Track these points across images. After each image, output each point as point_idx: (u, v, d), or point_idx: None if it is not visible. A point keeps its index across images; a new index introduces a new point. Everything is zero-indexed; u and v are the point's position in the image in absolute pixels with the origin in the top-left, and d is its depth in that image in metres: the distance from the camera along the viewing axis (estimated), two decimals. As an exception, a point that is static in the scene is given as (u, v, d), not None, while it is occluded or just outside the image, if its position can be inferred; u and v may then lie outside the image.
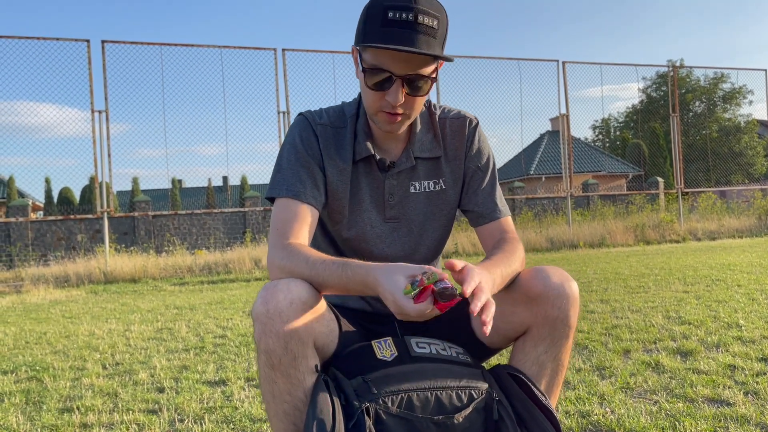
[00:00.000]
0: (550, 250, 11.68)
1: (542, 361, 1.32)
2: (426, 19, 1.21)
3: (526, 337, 1.33)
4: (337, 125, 1.43)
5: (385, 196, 1.45)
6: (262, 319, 1.15)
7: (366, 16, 1.26)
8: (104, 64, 9.96)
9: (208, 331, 4.24)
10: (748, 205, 16.22)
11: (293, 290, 1.16)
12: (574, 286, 1.29)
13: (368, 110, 1.35)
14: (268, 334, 1.14)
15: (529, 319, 1.30)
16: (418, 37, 1.21)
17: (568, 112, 13.13)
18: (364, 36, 1.25)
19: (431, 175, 1.47)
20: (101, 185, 10.03)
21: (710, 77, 34.46)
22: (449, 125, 1.49)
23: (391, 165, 1.43)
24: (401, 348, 1.27)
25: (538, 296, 1.28)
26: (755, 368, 2.48)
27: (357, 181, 1.44)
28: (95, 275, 9.72)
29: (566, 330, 1.30)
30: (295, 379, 1.17)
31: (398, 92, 1.26)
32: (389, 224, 1.46)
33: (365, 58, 1.27)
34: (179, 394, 2.64)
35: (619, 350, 2.94)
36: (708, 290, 4.76)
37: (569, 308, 1.28)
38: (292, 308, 1.14)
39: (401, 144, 1.45)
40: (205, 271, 10.29)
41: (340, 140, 1.42)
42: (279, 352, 1.14)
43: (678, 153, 14.08)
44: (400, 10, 1.20)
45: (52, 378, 3.06)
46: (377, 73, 1.26)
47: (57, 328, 4.80)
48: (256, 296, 1.21)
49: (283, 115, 10.83)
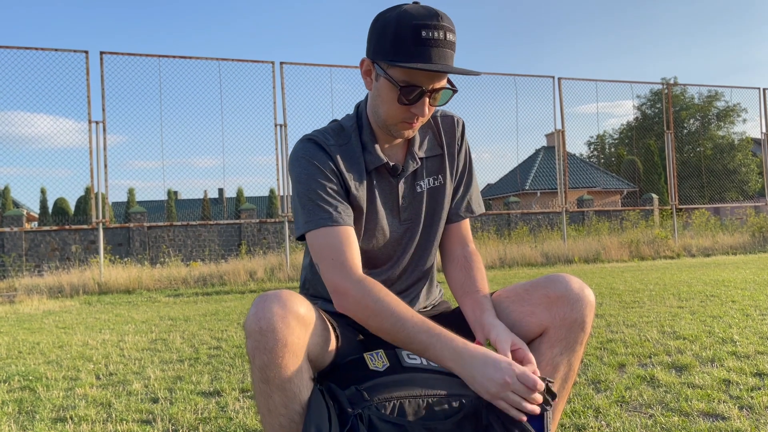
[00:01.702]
0: (545, 264, 11.69)
1: (557, 363, 1.35)
2: (451, 35, 1.29)
3: (542, 339, 1.36)
4: (342, 143, 1.45)
5: (399, 200, 1.49)
6: (255, 335, 1.14)
7: (394, 33, 1.28)
8: (102, 75, 9.98)
9: (202, 342, 4.23)
10: (741, 222, 16.30)
11: (286, 304, 1.16)
12: (592, 294, 1.35)
13: (387, 120, 1.39)
14: (262, 349, 1.13)
15: (547, 320, 1.34)
16: (447, 53, 1.29)
17: (564, 127, 13.21)
18: (394, 53, 1.29)
19: (431, 172, 1.53)
20: (97, 196, 10.02)
21: (704, 95, 34.76)
22: (441, 123, 1.56)
23: (400, 170, 1.48)
24: (393, 359, 1.29)
25: (559, 298, 1.32)
26: (750, 383, 2.49)
27: (371, 191, 1.47)
28: (89, 286, 9.67)
29: (581, 335, 1.34)
30: (290, 392, 1.17)
31: (425, 105, 1.34)
32: (404, 225, 1.51)
33: (395, 75, 1.31)
34: (173, 404, 2.62)
35: (615, 364, 2.95)
36: (702, 306, 4.77)
37: (587, 313, 1.33)
38: (285, 322, 1.14)
39: (403, 147, 1.50)
40: (200, 283, 10.26)
41: (351, 156, 1.45)
42: (273, 366, 1.14)
43: (672, 170, 14.16)
44: (431, 29, 1.27)
45: (45, 388, 3.04)
46: (409, 89, 1.31)
47: (50, 338, 4.77)
48: (248, 311, 1.20)
49: (281, 128, 10.86)
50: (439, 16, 1.28)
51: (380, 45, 1.32)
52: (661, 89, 20.53)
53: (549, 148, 28.87)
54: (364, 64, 1.39)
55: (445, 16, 1.30)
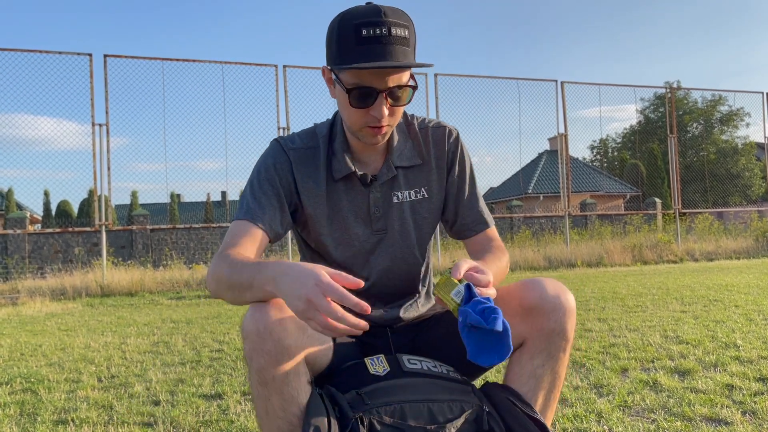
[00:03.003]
0: (547, 268, 11.67)
1: (539, 375, 1.31)
2: (398, 30, 1.23)
3: (522, 351, 1.33)
4: (309, 146, 1.43)
5: (371, 209, 1.44)
6: (252, 337, 1.13)
7: (337, 36, 1.25)
8: (106, 78, 10.02)
9: (204, 345, 4.23)
10: (745, 227, 16.26)
11: (283, 307, 1.15)
12: (571, 297, 1.29)
13: (352, 127, 1.34)
14: (259, 352, 1.13)
15: (525, 331, 1.30)
16: (395, 49, 1.22)
17: (567, 131, 13.20)
18: (339, 57, 1.25)
19: (413, 184, 1.47)
20: (100, 198, 10.04)
21: (708, 99, 34.73)
22: (431, 134, 1.49)
23: (373, 179, 1.43)
24: (393, 364, 1.28)
25: (534, 308, 1.27)
26: (753, 388, 2.48)
27: (336, 200, 1.43)
28: (92, 288, 9.69)
29: (563, 343, 1.29)
30: (288, 395, 1.16)
31: (382, 106, 1.27)
32: (377, 235, 1.46)
33: (344, 78, 1.27)
34: (175, 407, 2.62)
35: (617, 369, 2.94)
36: (705, 310, 4.76)
37: (566, 321, 1.27)
38: (282, 325, 1.13)
39: (381, 156, 1.45)
40: (202, 286, 10.26)
41: (314, 162, 1.42)
42: (271, 369, 1.13)
43: (676, 174, 14.14)
44: (372, 26, 1.21)
45: (47, 390, 3.04)
46: (361, 91, 1.26)
47: (52, 340, 4.78)
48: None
49: (283, 131, 10.87)
50: (381, 12, 1.22)
51: (329, 50, 1.29)
52: (664, 93, 20.46)
53: (552, 152, 28.88)
54: (325, 73, 1.36)
55: (393, 10, 1.24)
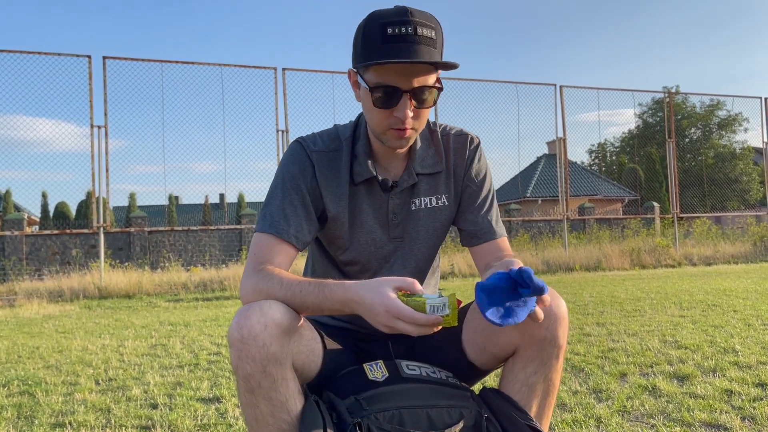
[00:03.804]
0: (546, 272, 11.67)
1: (532, 383, 1.30)
2: (425, 30, 1.22)
3: (515, 359, 1.32)
4: (332, 149, 1.42)
5: (389, 215, 1.43)
6: (237, 344, 1.13)
7: (363, 36, 1.26)
8: (105, 80, 10.02)
9: (202, 348, 4.22)
10: (743, 231, 16.27)
11: (267, 312, 1.14)
12: (562, 304, 1.27)
13: (376, 129, 1.33)
14: (245, 359, 1.13)
15: (516, 339, 1.28)
16: (420, 48, 1.22)
17: (566, 135, 13.21)
18: (364, 55, 1.25)
19: (432, 191, 1.46)
20: (98, 200, 10.02)
21: (706, 104, 34.80)
22: (453, 141, 1.48)
23: (394, 184, 1.42)
24: (392, 370, 1.28)
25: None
26: (752, 393, 2.47)
27: (357, 203, 1.42)
28: (89, 290, 9.67)
29: (555, 350, 1.28)
30: (276, 401, 1.16)
31: (406, 107, 1.26)
32: (394, 243, 1.45)
33: (368, 78, 1.26)
34: (173, 410, 2.61)
35: (616, 373, 2.93)
36: (704, 315, 4.76)
37: (557, 328, 1.26)
38: (267, 331, 1.13)
39: (402, 162, 1.44)
40: (200, 288, 10.25)
41: (336, 164, 1.41)
42: (257, 376, 1.13)
43: (674, 178, 14.15)
44: (398, 24, 1.21)
45: (45, 393, 3.03)
46: (384, 90, 1.25)
47: (50, 342, 4.76)
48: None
49: (282, 134, 10.88)
50: (408, 12, 1.22)
51: (355, 51, 1.29)
52: (663, 98, 20.58)
53: (550, 156, 28.89)
54: (351, 76, 1.36)
55: (420, 12, 1.24)
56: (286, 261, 1.32)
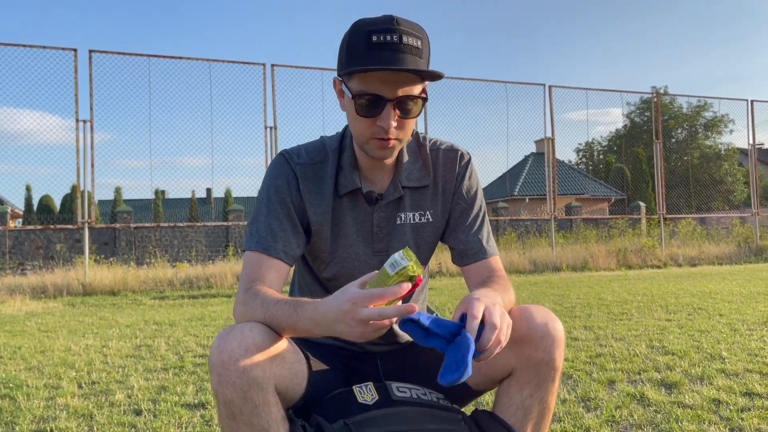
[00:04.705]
0: (533, 272, 11.70)
1: (527, 406, 1.28)
2: (410, 39, 1.21)
3: (510, 381, 1.30)
4: (317, 160, 1.39)
5: (374, 229, 1.41)
6: (217, 368, 1.10)
7: (348, 43, 1.24)
8: (91, 74, 9.88)
9: (188, 349, 4.17)
10: (727, 232, 16.42)
11: (248, 336, 1.11)
12: (559, 326, 1.26)
13: (359, 139, 1.31)
14: (225, 385, 1.09)
15: (512, 361, 1.27)
16: (405, 57, 1.20)
17: (554, 135, 13.24)
18: (348, 63, 1.23)
19: (417, 207, 1.43)
20: (83, 195, 9.90)
21: (693, 105, 35.06)
22: (442, 156, 1.45)
23: (378, 197, 1.39)
24: (382, 392, 1.25)
25: (522, 338, 1.24)
26: (740, 403, 2.48)
27: (341, 216, 1.39)
28: (73, 287, 9.55)
29: (552, 372, 1.26)
30: (258, 427, 1.13)
31: (390, 116, 1.24)
32: (378, 257, 1.42)
33: (352, 86, 1.24)
34: (157, 417, 2.57)
35: (604, 381, 2.93)
36: (690, 319, 4.78)
37: (554, 350, 1.24)
38: (248, 355, 1.10)
39: (388, 175, 1.41)
40: (186, 285, 10.17)
41: (320, 177, 1.38)
42: (238, 402, 1.10)
43: (661, 179, 14.24)
44: (383, 32, 1.19)
45: (26, 396, 2.97)
46: (367, 99, 1.23)
47: (32, 342, 4.69)
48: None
49: (271, 131, 10.80)
50: (394, 20, 1.21)
51: (340, 59, 1.28)
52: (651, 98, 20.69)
53: (538, 155, 28.96)
54: (336, 84, 1.33)
55: (406, 21, 1.22)
56: (277, 277, 1.30)
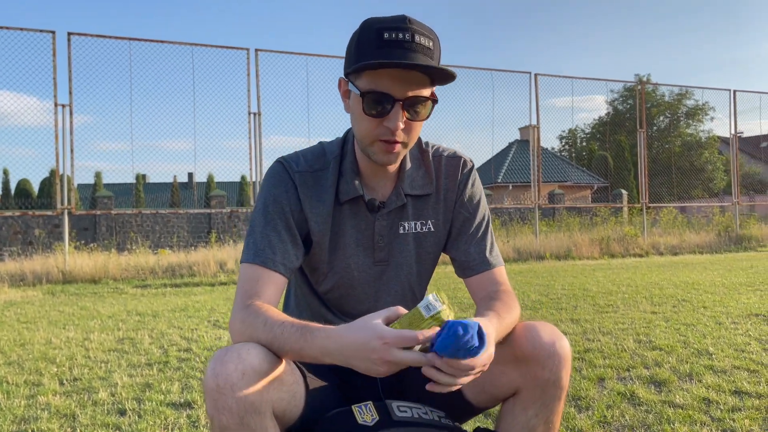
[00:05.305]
0: (517, 260, 11.74)
1: (532, 426, 1.25)
2: (422, 39, 1.17)
3: (515, 400, 1.26)
4: (316, 168, 1.34)
5: (375, 237, 1.36)
6: (213, 393, 1.05)
7: (358, 41, 1.19)
8: (70, 57, 9.64)
9: (172, 343, 4.10)
10: (707, 221, 16.60)
11: (245, 359, 1.06)
12: (566, 344, 1.22)
13: (363, 141, 1.25)
14: (221, 410, 1.05)
15: (518, 380, 1.23)
16: (417, 56, 1.16)
17: (539, 123, 13.25)
18: (358, 60, 1.18)
19: (420, 215, 1.39)
20: (62, 179, 9.71)
21: (675, 93, 35.30)
22: (444, 164, 1.41)
23: (381, 205, 1.35)
24: (382, 412, 1.21)
25: (528, 357, 1.20)
26: (730, 403, 2.48)
27: (340, 224, 1.34)
28: (53, 274, 9.40)
29: (558, 392, 1.23)
30: None
31: (398, 116, 1.19)
32: (378, 267, 1.37)
33: (360, 84, 1.20)
34: (142, 417, 2.51)
35: (594, 378, 2.92)
36: (675, 312, 4.81)
37: (561, 369, 1.21)
38: (244, 379, 1.05)
39: (391, 182, 1.36)
40: (168, 273, 10.05)
41: (320, 184, 1.33)
42: (235, 428, 1.05)
43: (644, 168, 14.33)
44: (396, 30, 1.16)
45: (6, 395, 2.90)
46: (375, 97, 1.18)
47: (11, 334, 4.59)
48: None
49: (254, 117, 10.66)
50: (407, 19, 1.18)
51: (348, 58, 1.23)
52: (634, 86, 20.83)
53: (522, 142, 29.03)
54: (341, 85, 1.28)
55: (419, 22, 1.19)
56: (275, 291, 1.25)
